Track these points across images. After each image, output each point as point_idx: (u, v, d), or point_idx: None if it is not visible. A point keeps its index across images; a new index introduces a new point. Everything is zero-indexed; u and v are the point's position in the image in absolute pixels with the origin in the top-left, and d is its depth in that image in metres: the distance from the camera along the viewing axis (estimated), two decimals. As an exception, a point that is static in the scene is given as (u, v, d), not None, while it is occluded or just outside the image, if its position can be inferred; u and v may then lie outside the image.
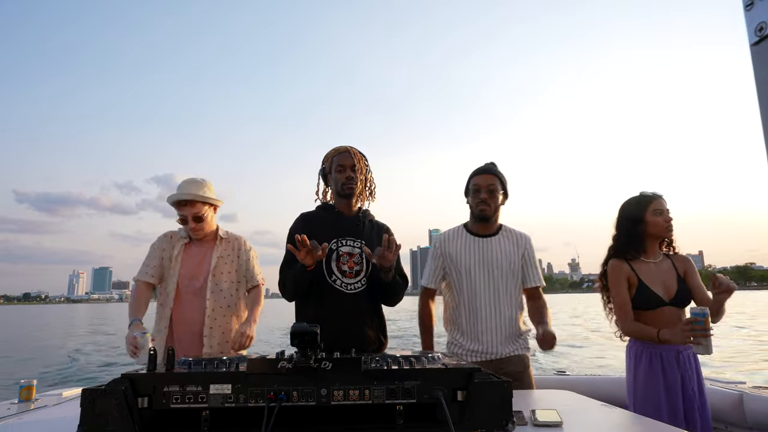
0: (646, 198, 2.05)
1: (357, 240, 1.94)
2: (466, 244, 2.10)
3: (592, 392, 2.06)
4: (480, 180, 2.08)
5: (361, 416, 1.04)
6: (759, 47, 0.69)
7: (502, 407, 1.02)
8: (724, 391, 2.41)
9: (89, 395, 0.98)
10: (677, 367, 1.91)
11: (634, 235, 2.04)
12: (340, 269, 1.90)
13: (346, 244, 1.93)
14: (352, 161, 1.93)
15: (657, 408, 1.87)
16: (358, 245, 1.93)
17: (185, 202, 2.25)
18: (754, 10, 0.70)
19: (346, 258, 1.91)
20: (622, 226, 2.08)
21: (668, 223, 2.02)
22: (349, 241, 1.93)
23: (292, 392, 1.01)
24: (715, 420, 2.45)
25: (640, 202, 2.06)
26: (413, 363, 1.10)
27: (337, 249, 1.91)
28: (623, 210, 2.10)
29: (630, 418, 1.35)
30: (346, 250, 1.92)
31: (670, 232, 2.03)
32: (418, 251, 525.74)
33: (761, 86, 0.69)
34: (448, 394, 1.03)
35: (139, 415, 0.99)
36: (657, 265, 2.04)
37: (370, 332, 1.86)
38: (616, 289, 2.02)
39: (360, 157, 1.97)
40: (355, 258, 1.92)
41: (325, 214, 1.97)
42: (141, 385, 1.01)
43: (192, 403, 1.01)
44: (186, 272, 2.29)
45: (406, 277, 1.99)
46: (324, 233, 1.86)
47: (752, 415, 2.26)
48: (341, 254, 1.91)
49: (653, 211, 2.02)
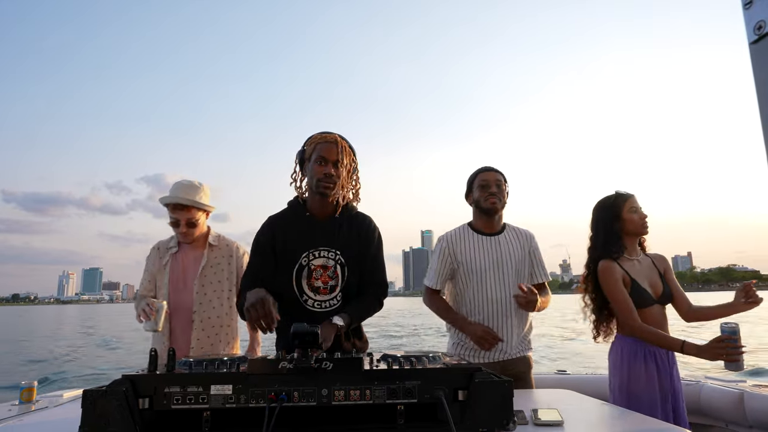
0: (622, 196, 2.05)
1: (332, 250, 1.69)
2: (475, 244, 2.08)
3: (592, 391, 2.06)
4: (488, 176, 2.09)
5: (362, 416, 1.05)
6: (758, 46, 0.69)
7: (503, 407, 1.02)
8: (724, 390, 2.41)
9: (90, 396, 0.98)
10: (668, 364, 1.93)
11: (612, 234, 2.02)
12: (312, 286, 1.67)
13: (320, 255, 1.68)
14: (336, 155, 1.64)
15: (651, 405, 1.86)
16: (333, 255, 1.68)
17: (180, 207, 2.21)
18: (752, 9, 0.70)
19: (320, 272, 1.68)
20: (600, 226, 2.07)
21: (643, 220, 2.03)
22: (323, 251, 1.68)
23: (293, 392, 1.01)
24: (715, 418, 2.45)
25: (616, 201, 2.05)
26: (414, 363, 1.10)
27: (308, 264, 1.67)
28: (599, 209, 2.10)
29: (631, 417, 1.35)
30: (320, 262, 1.67)
31: (646, 230, 2.04)
32: (410, 252, 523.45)
33: (760, 84, 0.69)
34: (449, 394, 1.03)
35: (140, 416, 0.99)
36: (640, 263, 2.04)
37: (345, 344, 1.68)
38: (615, 287, 1.97)
39: (348, 152, 1.69)
40: (329, 271, 1.68)
41: (295, 219, 1.71)
42: (142, 385, 1.01)
43: (193, 403, 1.01)
44: (173, 278, 2.25)
45: (384, 284, 1.79)
46: (294, 243, 1.67)
47: (753, 414, 2.26)
48: (313, 268, 1.67)
49: (629, 209, 2.02)
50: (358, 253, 1.72)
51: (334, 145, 1.64)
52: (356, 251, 1.71)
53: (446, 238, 2.13)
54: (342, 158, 1.65)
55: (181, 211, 2.21)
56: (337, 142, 1.65)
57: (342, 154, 1.65)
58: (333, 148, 1.64)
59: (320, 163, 1.63)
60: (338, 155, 1.64)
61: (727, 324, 1.70)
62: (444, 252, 2.10)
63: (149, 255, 2.36)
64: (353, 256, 1.70)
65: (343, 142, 1.67)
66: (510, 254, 2.08)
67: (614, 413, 1.37)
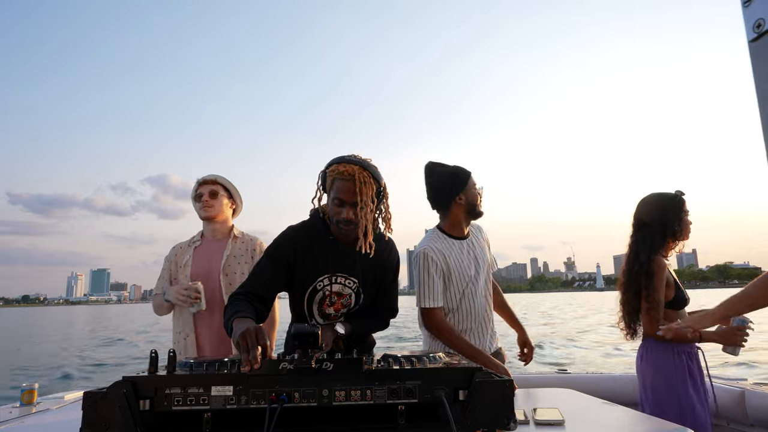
0: (683, 199, 2.00)
1: (350, 277, 1.60)
2: (458, 251, 1.97)
3: (593, 390, 2.06)
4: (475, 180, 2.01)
5: (363, 416, 1.04)
6: (757, 43, 0.69)
7: (504, 406, 1.02)
8: (725, 388, 2.40)
9: (91, 398, 0.98)
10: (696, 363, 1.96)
11: (668, 234, 1.98)
12: (324, 313, 1.61)
13: (337, 282, 1.59)
14: (354, 197, 1.45)
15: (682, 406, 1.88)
16: (352, 283, 1.60)
17: (205, 182, 2.32)
18: (752, 7, 0.70)
19: (334, 299, 1.60)
20: (657, 223, 1.99)
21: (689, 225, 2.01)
22: (340, 278, 1.59)
23: (294, 393, 1.01)
24: (716, 416, 2.45)
25: (681, 201, 2.00)
26: (414, 363, 1.10)
27: (323, 288, 1.58)
28: (658, 206, 2.01)
29: (632, 416, 1.35)
30: (336, 289, 1.60)
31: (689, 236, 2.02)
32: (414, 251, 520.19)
33: (759, 82, 0.69)
34: (449, 394, 1.03)
35: (141, 417, 0.99)
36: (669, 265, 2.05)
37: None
38: (661, 288, 1.93)
39: (370, 185, 1.48)
40: (344, 299, 1.61)
41: (318, 239, 1.58)
42: (142, 387, 1.01)
43: (194, 405, 1.00)
44: (197, 272, 2.25)
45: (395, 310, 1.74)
46: (313, 264, 1.56)
47: (754, 412, 2.26)
48: (328, 294, 1.59)
49: (687, 211, 1.99)
50: (377, 281, 1.66)
51: (352, 184, 1.45)
52: (375, 279, 1.65)
53: (434, 250, 1.90)
54: (361, 198, 1.45)
55: (204, 185, 2.32)
56: (354, 180, 1.45)
57: (361, 193, 1.45)
58: (350, 187, 1.45)
59: (337, 204, 1.49)
60: (356, 196, 1.45)
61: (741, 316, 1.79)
62: (437, 265, 1.89)
63: (168, 254, 2.38)
64: (371, 285, 1.65)
65: (362, 176, 1.46)
66: (483, 255, 2.05)
67: (615, 412, 1.37)
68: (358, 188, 1.45)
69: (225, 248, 2.29)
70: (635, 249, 2.02)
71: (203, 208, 2.28)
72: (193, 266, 2.26)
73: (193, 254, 2.30)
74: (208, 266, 2.26)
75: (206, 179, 2.33)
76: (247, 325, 1.12)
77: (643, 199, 2.07)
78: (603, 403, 1.46)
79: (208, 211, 2.28)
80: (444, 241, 1.96)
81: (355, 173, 1.46)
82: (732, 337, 1.79)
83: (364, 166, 1.49)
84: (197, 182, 2.35)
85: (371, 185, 1.48)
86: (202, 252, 2.31)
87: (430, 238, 1.97)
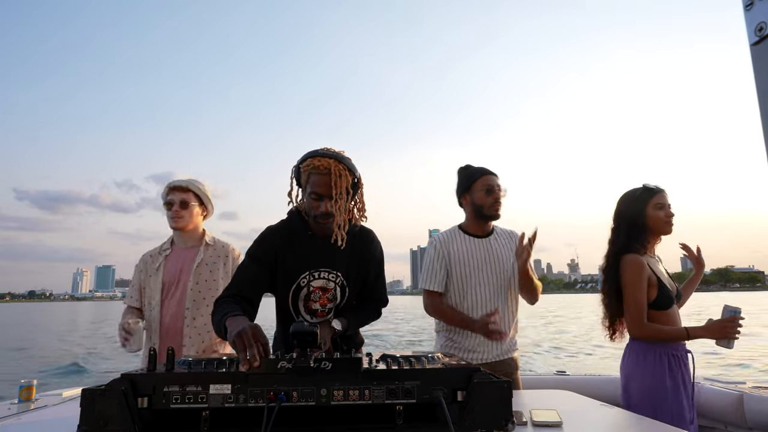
0: (649, 191, 1.94)
1: (333, 271, 1.60)
2: (468, 246, 2.07)
3: (591, 392, 2.05)
4: (491, 180, 2.04)
5: (361, 416, 1.05)
6: (759, 47, 0.70)
7: (502, 407, 1.02)
8: (723, 391, 2.40)
9: (89, 395, 0.98)
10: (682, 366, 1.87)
11: (633, 229, 1.93)
12: (310, 309, 1.61)
13: (320, 276, 1.60)
14: (330, 189, 1.46)
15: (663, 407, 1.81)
16: (334, 277, 1.61)
17: (176, 188, 2.23)
18: (753, 10, 0.70)
19: (318, 294, 1.60)
20: (622, 219, 1.97)
21: (669, 218, 1.92)
22: (323, 272, 1.60)
23: (292, 392, 1.01)
24: (714, 420, 2.45)
25: (641, 195, 1.95)
26: (413, 363, 1.10)
27: (307, 285, 1.59)
28: (623, 202, 1.99)
29: (629, 418, 1.35)
30: (319, 284, 1.60)
31: (669, 230, 1.93)
32: (418, 251, 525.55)
33: (761, 86, 0.69)
34: (448, 394, 1.03)
35: (139, 415, 0.99)
36: (659, 263, 1.99)
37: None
38: (637, 286, 1.85)
39: (345, 177, 1.48)
40: (329, 293, 1.61)
41: (296, 236, 1.59)
42: (141, 385, 1.01)
43: (192, 403, 1.01)
44: (167, 280, 2.22)
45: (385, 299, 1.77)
46: (294, 262, 1.57)
47: (752, 415, 2.26)
48: (312, 290, 1.60)
49: (655, 205, 1.92)
50: (360, 273, 1.66)
51: (327, 177, 1.46)
52: (358, 272, 1.64)
53: (438, 239, 2.09)
54: (337, 190, 1.47)
55: (176, 192, 2.22)
56: (330, 173, 1.46)
57: (336, 185, 1.46)
58: (326, 180, 1.46)
59: (314, 199, 1.50)
60: (332, 189, 1.46)
61: (732, 306, 1.79)
62: (439, 253, 2.05)
63: (137, 264, 2.33)
64: (355, 277, 1.65)
65: (337, 168, 1.47)
66: (501, 255, 2.06)
67: (613, 414, 1.37)
68: (334, 181, 1.46)
69: (196, 255, 2.24)
70: (609, 248, 2.00)
71: (173, 218, 2.22)
72: (164, 275, 2.22)
73: (164, 262, 2.25)
74: (179, 275, 2.22)
75: (178, 185, 2.24)
76: (243, 324, 1.11)
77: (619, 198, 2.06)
78: (601, 405, 1.45)
79: (178, 222, 2.22)
80: (455, 236, 2.10)
81: (331, 166, 1.46)
82: (722, 329, 1.77)
83: (339, 159, 1.49)
84: (167, 186, 2.26)
85: (347, 177, 1.49)
86: (173, 260, 2.26)
87: (444, 232, 2.15)
